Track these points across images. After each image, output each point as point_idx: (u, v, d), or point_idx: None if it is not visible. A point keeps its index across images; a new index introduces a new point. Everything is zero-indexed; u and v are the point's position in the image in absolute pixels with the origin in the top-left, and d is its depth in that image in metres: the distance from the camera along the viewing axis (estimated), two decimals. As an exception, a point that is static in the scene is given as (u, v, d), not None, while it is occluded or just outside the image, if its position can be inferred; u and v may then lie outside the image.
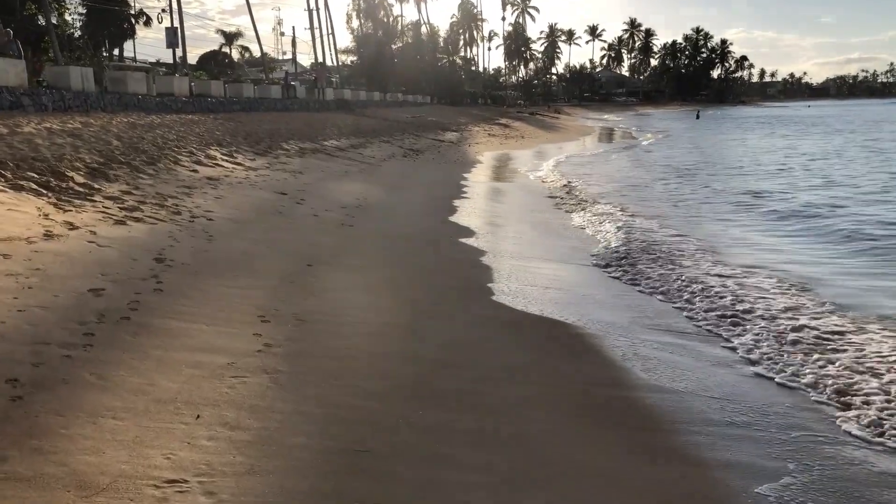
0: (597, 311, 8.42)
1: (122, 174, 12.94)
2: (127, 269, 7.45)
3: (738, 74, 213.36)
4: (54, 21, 47.48)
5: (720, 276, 10.16)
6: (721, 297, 8.94)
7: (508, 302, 8.37)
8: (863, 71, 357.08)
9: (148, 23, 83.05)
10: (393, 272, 9.49)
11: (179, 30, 45.58)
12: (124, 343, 5.48)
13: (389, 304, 7.84)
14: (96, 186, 11.39)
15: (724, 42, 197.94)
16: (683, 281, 9.78)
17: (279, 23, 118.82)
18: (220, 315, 6.58)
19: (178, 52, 47.33)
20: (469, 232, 12.99)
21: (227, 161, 18.06)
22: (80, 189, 10.94)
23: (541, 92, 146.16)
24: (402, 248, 11.24)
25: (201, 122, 25.94)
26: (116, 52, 76.70)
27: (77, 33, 70.30)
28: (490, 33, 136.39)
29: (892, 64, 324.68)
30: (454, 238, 12.33)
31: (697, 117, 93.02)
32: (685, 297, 9.01)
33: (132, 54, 77.73)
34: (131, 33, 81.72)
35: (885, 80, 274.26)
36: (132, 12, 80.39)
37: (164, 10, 63.03)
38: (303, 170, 19.58)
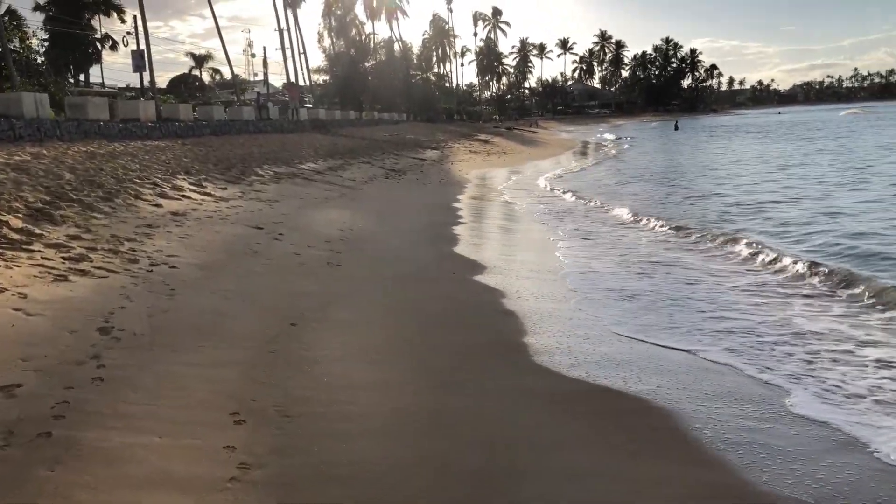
0: (651, 366, 6.83)
1: (72, 214, 11.18)
2: (60, 349, 5.74)
3: (708, 83, 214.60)
4: (13, 46, 45.68)
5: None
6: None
7: (552, 364, 6.78)
8: (828, 77, 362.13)
9: (114, 47, 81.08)
10: (397, 327, 7.84)
11: (146, 53, 43.88)
12: (34, 484, 3.78)
13: (399, 378, 6.19)
14: (37, 232, 9.63)
15: (693, 51, 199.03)
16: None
17: (250, 44, 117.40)
18: (180, 416, 4.90)
19: (146, 76, 45.66)
20: (480, 267, 11.39)
21: (195, 191, 16.33)
22: (17, 237, 9.18)
23: (514, 106, 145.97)
24: (405, 292, 9.58)
25: (168, 148, 24.18)
26: (82, 77, 74.69)
27: (40, 59, 68.22)
28: (462, 49, 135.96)
29: (855, 69, 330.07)
30: (465, 275, 10.72)
31: (676, 128, 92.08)
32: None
33: (100, 79, 75.72)
34: (97, 58, 79.75)
35: (849, 85, 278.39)
36: (97, 36, 78.46)
37: (129, 34, 61.29)
38: (279, 197, 17.89)
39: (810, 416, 5.69)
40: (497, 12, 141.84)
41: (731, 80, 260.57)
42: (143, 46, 44.28)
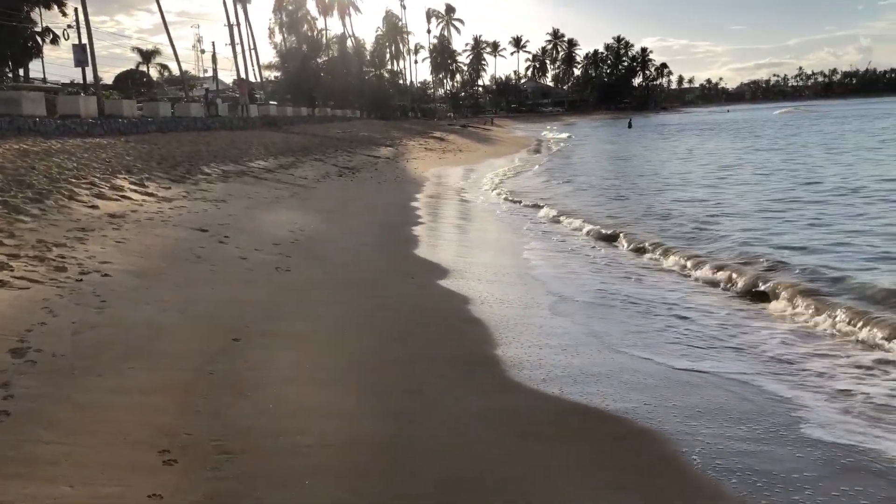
0: (629, 380, 6.32)
1: (-5, 217, 10.29)
2: (-39, 376, 4.99)
3: (659, 82, 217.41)
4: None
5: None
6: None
7: (524, 379, 6.24)
8: (774, 75, 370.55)
9: (55, 41, 78.32)
10: (353, 341, 7.20)
11: (88, 47, 42.20)
12: None
13: (355, 403, 5.56)
14: (-48, 237, 8.75)
15: (644, 50, 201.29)
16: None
17: (199, 40, 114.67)
18: (100, 457, 4.21)
19: (89, 71, 43.93)
20: (442, 270, 10.82)
21: (136, 191, 15.40)
22: (-73, 243, 8.30)
23: (468, 104, 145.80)
24: (361, 300, 8.93)
25: (110, 146, 23.07)
26: (22, 72, 71.93)
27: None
28: (416, 46, 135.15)
29: (800, 68, 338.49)
30: (426, 280, 10.13)
31: (630, 126, 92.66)
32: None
33: (41, 75, 72.93)
34: (37, 52, 76.89)
35: (794, 84, 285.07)
36: (37, 30, 75.73)
37: (70, 27, 59.17)
38: (226, 197, 17.04)
39: (811, 435, 5.24)
40: (450, 9, 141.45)
41: (680, 79, 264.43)
42: (85, 40, 42.69)
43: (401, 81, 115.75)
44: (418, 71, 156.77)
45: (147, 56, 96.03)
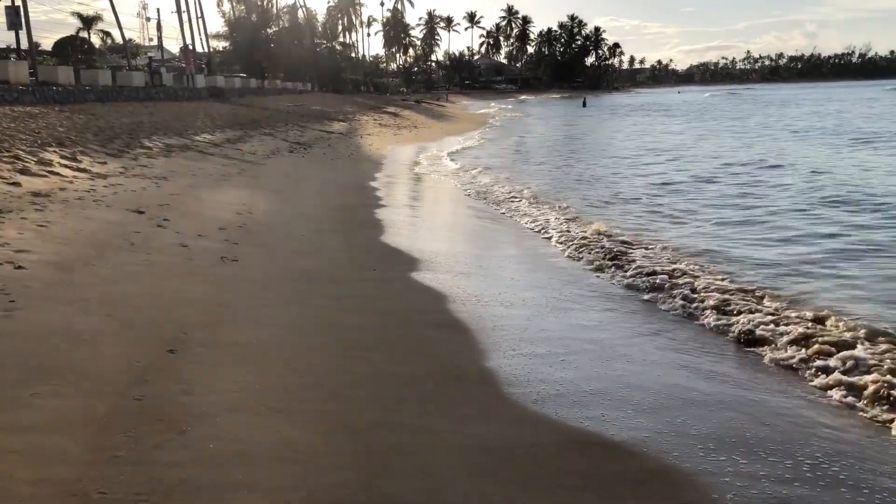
0: (632, 396, 5.46)
1: None
2: None
3: (611, 62, 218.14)
4: None
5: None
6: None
7: (520, 402, 5.35)
8: (723, 58, 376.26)
9: (-12, 3, 74.46)
10: (311, 352, 6.16)
11: (23, 7, 39.64)
12: None
13: (315, 440, 4.56)
14: None
15: (597, 30, 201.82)
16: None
17: (144, 7, 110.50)
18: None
19: (24, 35, 41.33)
20: (412, 260, 9.87)
21: (66, 167, 14.02)
22: None
23: (421, 79, 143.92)
24: (320, 298, 7.90)
25: (41, 115, 21.39)
26: (-49, 35, 68.01)
27: None
28: (369, 19, 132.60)
29: (748, 52, 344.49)
30: (395, 272, 9.15)
31: (584, 105, 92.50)
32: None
33: (-27, 38, 69.06)
34: (-32, 14, 72.85)
35: (742, 67, 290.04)
36: (-32, -10, 71.80)
37: (0, -15, 55.95)
38: (168, 174, 15.73)
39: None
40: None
41: (631, 59, 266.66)
42: (18, 1, 40.11)
43: (353, 55, 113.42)
44: (371, 44, 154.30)
45: (88, 22, 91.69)
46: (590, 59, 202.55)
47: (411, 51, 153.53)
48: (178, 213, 11.53)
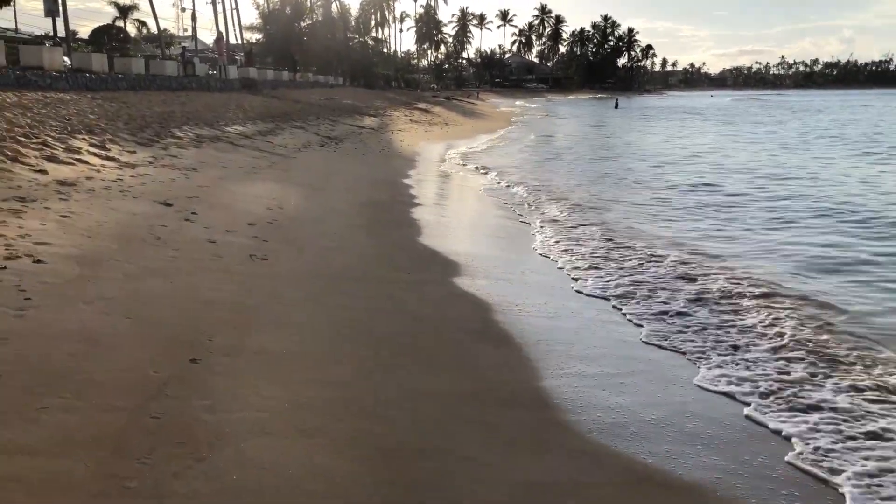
0: (710, 433, 4.90)
1: (-86, 180, 8.62)
2: None
3: (643, 63, 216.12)
4: None
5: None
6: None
7: (581, 430, 4.89)
8: (756, 63, 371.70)
9: (26, -11, 75.20)
10: (345, 364, 5.68)
11: (60, -5, 39.71)
12: None
13: (352, 469, 4.07)
14: None
15: (630, 31, 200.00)
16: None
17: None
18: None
19: (60, 22, 41.46)
20: (451, 264, 9.37)
21: (95, 154, 13.69)
22: None
23: (452, 76, 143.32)
24: (353, 302, 7.40)
25: (73, 102, 21.19)
26: (-10, 21, 68.70)
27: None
28: (402, 14, 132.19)
29: (782, 57, 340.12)
30: (433, 275, 8.66)
31: (616, 106, 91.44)
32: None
33: (13, 24, 69.61)
34: (6, 1, 73.48)
35: (776, 73, 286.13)
36: (7, -23, 72.55)
37: (39, -27, 56.31)
38: (198, 165, 15.36)
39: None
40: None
41: (664, 62, 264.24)
42: (56, -12, 40.19)
43: (385, 50, 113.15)
44: (402, 40, 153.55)
45: (124, 11, 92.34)
46: (622, 61, 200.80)
47: (443, 47, 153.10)
48: (207, 206, 11.12)
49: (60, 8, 39.17)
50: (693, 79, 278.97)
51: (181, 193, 11.73)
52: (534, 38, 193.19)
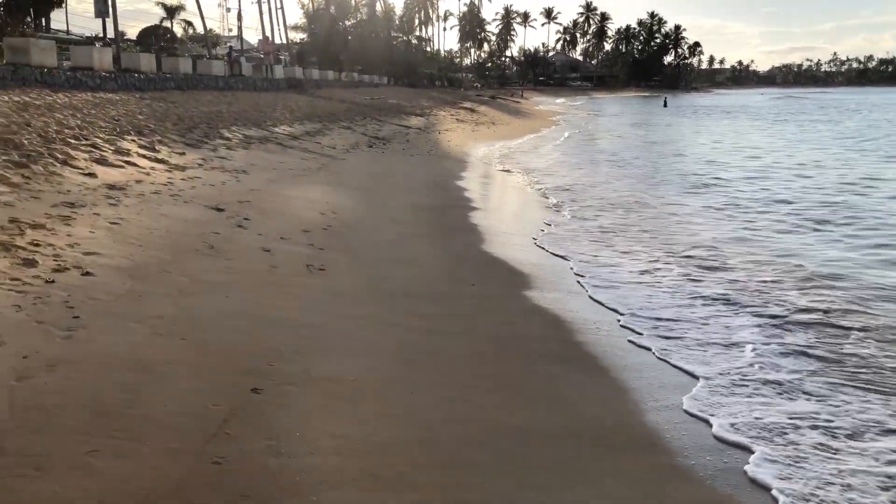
0: None
1: (-39, 186, 8.30)
2: None
3: (690, 61, 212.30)
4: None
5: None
6: None
7: (696, 477, 4.20)
8: (807, 60, 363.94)
9: (78, -9, 76.57)
10: (420, 395, 5.12)
11: (110, -3, 40.05)
12: None
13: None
14: None
15: (677, 28, 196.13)
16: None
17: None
18: None
19: (110, 23, 41.83)
20: (516, 275, 8.78)
21: (144, 157, 13.38)
22: None
23: (495, 75, 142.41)
24: (420, 321, 6.84)
25: (122, 102, 21.06)
26: (43, 22, 69.99)
27: (-3, 1, 63.85)
28: (446, 13, 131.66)
29: (835, 54, 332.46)
30: (503, 287, 8.11)
31: (665, 105, 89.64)
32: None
33: (64, 26, 70.79)
34: (58, 1, 74.79)
35: (828, 70, 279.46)
36: (59, -21, 73.95)
37: (90, -25, 56.92)
38: (247, 167, 15.00)
39: None
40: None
41: (711, 59, 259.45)
42: (106, -11, 40.55)
43: (428, 49, 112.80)
44: (446, 39, 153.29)
45: (171, 11, 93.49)
46: (668, 58, 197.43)
47: (486, 46, 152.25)
48: (259, 212, 10.69)
49: (110, 9, 39.58)
50: (741, 77, 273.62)
51: (232, 198, 11.32)
52: (578, 35, 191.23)
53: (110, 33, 41.58)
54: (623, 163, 26.21)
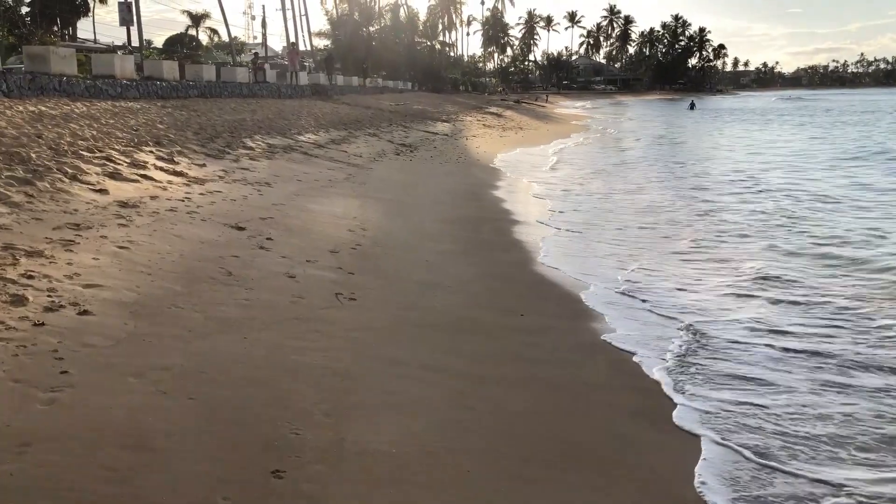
0: None
1: (-45, 206, 7.49)
2: None
3: (714, 63, 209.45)
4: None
5: None
6: None
7: None
8: (833, 61, 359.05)
9: (103, 0, 76.77)
10: (480, 465, 4.16)
11: (134, 4, 39.62)
12: None
13: None
14: None
15: (702, 30, 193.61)
16: None
17: (250, 6, 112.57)
18: None
19: (134, 31, 41.44)
20: (569, 301, 7.79)
21: (162, 169, 12.58)
22: None
23: (518, 79, 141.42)
24: (469, 363, 5.89)
25: (142, 111, 20.35)
26: (70, 31, 70.24)
27: (25, 9, 64.09)
28: (469, 18, 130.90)
29: (861, 54, 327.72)
30: (558, 317, 7.12)
31: (692, 107, 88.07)
32: None
33: (91, 35, 70.93)
34: (84, 11, 75.06)
35: (854, 71, 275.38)
36: (86, -12, 74.25)
37: (114, -18, 56.88)
38: (271, 179, 14.16)
39: None
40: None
41: (735, 62, 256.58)
42: (131, -2, 40.10)
43: (452, 54, 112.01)
44: (469, 43, 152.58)
45: (197, 19, 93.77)
46: (692, 61, 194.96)
47: (509, 50, 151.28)
48: (283, 230, 9.81)
49: (134, 16, 39.13)
50: (766, 78, 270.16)
51: (254, 214, 10.46)
52: (602, 39, 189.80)
53: (136, 41, 41.25)
54: (667, 172, 24.95)
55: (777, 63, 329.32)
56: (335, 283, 7.69)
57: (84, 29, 77.53)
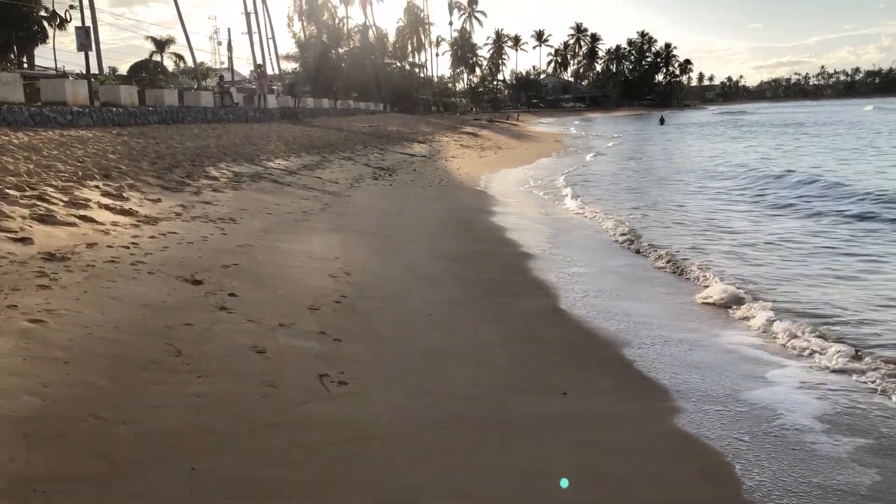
0: None
1: None
2: None
3: (680, 79, 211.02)
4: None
5: None
6: None
7: None
8: (795, 74, 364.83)
9: (62, 25, 74.31)
10: None
11: (92, 29, 37.54)
12: None
13: None
14: None
15: (668, 46, 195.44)
16: None
17: (216, 31, 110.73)
18: None
19: (93, 57, 39.33)
20: (638, 375, 6.01)
21: (107, 207, 10.72)
22: None
23: (487, 99, 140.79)
24: (509, 488, 4.12)
25: (94, 139, 18.42)
26: (26, 59, 67.75)
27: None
28: (437, 39, 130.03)
29: (822, 67, 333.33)
30: (628, 402, 5.39)
31: (661, 122, 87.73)
32: None
33: (51, 62, 68.35)
34: (43, 38, 72.43)
35: (816, 83, 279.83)
36: (44, 14, 71.83)
37: (72, 6, 54.72)
38: (237, 213, 12.34)
39: None
40: (473, 1, 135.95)
41: (700, 76, 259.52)
42: (89, 22, 38.01)
43: (422, 74, 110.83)
44: (438, 64, 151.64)
45: (161, 45, 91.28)
46: (659, 76, 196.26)
47: (478, 70, 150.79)
48: (250, 280, 7.99)
49: (92, 42, 37.01)
50: (731, 92, 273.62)
51: (215, 260, 8.62)
52: (569, 57, 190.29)
53: (95, 68, 39.11)
54: (677, 188, 23.46)
55: (741, 77, 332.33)
56: (318, 357, 5.89)
57: (45, 56, 75.07)
